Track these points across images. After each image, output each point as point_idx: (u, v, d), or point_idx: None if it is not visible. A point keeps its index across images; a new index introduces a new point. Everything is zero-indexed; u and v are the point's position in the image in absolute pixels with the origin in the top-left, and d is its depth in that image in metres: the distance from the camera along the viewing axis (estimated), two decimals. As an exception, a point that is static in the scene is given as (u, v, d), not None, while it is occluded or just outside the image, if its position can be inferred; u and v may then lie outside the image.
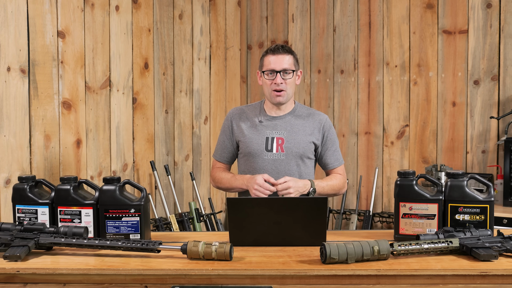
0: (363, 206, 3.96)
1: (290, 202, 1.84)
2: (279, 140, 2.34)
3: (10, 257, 1.60)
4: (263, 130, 2.37)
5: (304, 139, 2.35)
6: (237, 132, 2.42)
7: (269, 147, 2.34)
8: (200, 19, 3.83)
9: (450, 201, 1.80)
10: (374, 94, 3.90)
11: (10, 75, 2.45)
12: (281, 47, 2.34)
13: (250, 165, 2.37)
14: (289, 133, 2.35)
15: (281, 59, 2.31)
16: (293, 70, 2.33)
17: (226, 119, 2.48)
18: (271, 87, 2.32)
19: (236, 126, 2.42)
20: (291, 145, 2.33)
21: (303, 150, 2.34)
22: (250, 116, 2.42)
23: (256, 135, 2.37)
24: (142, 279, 1.54)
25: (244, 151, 2.39)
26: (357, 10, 3.93)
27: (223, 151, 2.47)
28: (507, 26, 3.45)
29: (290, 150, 2.33)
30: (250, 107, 2.48)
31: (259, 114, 2.42)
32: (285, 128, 2.36)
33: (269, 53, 2.34)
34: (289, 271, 1.52)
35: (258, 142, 2.35)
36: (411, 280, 1.51)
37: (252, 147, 2.35)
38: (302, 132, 2.36)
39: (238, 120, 2.43)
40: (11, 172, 2.46)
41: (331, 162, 2.41)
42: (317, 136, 2.38)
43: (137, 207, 1.81)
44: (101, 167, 3.01)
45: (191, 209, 3.67)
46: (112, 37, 3.06)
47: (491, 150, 3.53)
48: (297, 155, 2.34)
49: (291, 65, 2.33)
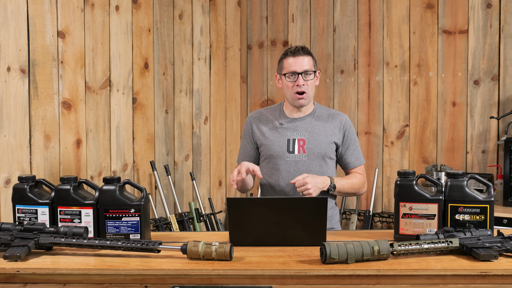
0: (363, 206, 3.96)
1: (290, 202, 1.84)
2: (301, 142, 2.34)
3: (10, 257, 1.60)
4: (284, 132, 2.37)
5: (325, 139, 2.35)
6: (257, 135, 2.42)
7: (291, 149, 2.34)
8: (200, 19, 3.83)
9: (450, 201, 1.80)
10: (374, 94, 3.90)
11: (10, 75, 2.45)
12: (301, 48, 2.34)
13: (272, 167, 2.37)
14: (310, 134, 2.35)
15: (302, 60, 2.31)
16: (313, 71, 2.33)
17: (246, 123, 2.49)
18: (293, 90, 2.31)
19: (257, 129, 2.43)
20: (312, 146, 2.34)
21: (325, 150, 2.35)
22: (270, 119, 2.43)
23: (277, 137, 2.37)
24: (142, 279, 1.54)
25: (266, 154, 2.39)
26: (357, 10, 3.93)
27: (244, 155, 2.47)
28: (507, 26, 3.45)
29: (312, 151, 2.33)
30: (269, 109, 2.49)
31: (279, 116, 2.42)
32: (306, 130, 2.36)
33: (289, 55, 2.33)
34: (289, 271, 1.52)
35: (279, 144, 2.36)
36: (411, 280, 1.51)
37: (274, 149, 2.36)
38: (323, 132, 2.36)
39: (258, 123, 2.44)
40: (11, 172, 2.46)
41: (352, 161, 2.41)
42: (338, 136, 2.38)
43: (137, 207, 1.81)
44: (101, 167, 3.01)
45: (191, 209, 3.67)
46: (112, 37, 3.06)
47: (491, 150, 3.53)
48: (319, 155, 2.34)
49: (312, 66, 2.33)
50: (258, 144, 2.43)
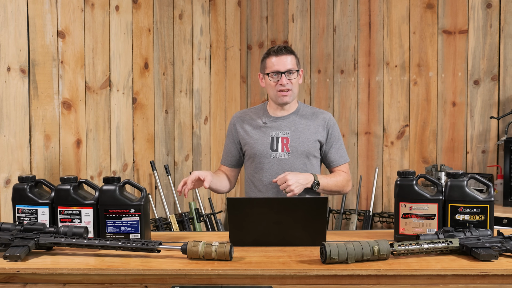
0: (363, 206, 3.96)
1: (290, 202, 1.84)
2: (284, 140, 2.35)
3: (10, 257, 1.60)
4: (268, 131, 2.38)
5: (309, 137, 2.36)
6: (242, 134, 2.43)
7: (275, 147, 2.35)
8: (200, 19, 3.83)
9: (450, 201, 1.80)
10: (374, 94, 3.90)
11: (10, 75, 2.45)
12: (284, 48, 2.34)
13: (256, 166, 2.38)
14: (294, 132, 2.36)
15: (284, 59, 2.32)
16: (296, 70, 2.34)
17: (230, 123, 2.50)
18: (276, 88, 2.32)
19: (241, 128, 2.44)
20: (296, 144, 2.34)
21: (309, 148, 2.35)
22: (254, 118, 2.43)
23: (261, 136, 2.38)
24: (142, 279, 1.54)
25: (250, 153, 2.39)
26: (357, 10, 3.93)
27: (227, 155, 2.49)
28: (507, 26, 3.45)
29: (296, 149, 2.34)
30: (253, 109, 2.49)
31: (263, 115, 2.43)
32: (289, 128, 2.37)
33: (272, 54, 2.34)
34: (289, 271, 1.52)
35: (263, 143, 2.36)
36: (411, 280, 1.51)
37: (258, 148, 2.36)
38: (307, 131, 2.37)
39: (241, 123, 2.45)
40: (11, 172, 2.46)
41: (336, 159, 2.41)
42: (321, 134, 2.38)
43: (137, 207, 1.81)
44: (101, 167, 3.01)
45: (191, 209, 3.67)
46: (112, 37, 3.06)
47: (491, 150, 3.53)
48: (303, 153, 2.34)
49: (295, 65, 2.34)
50: (242, 144, 2.43)
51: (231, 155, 2.48)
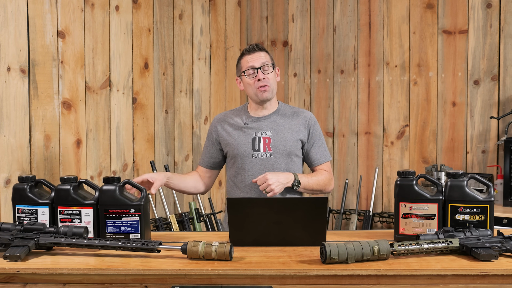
0: (363, 206, 3.96)
1: (290, 202, 1.83)
2: (266, 140, 2.35)
3: (10, 257, 1.60)
4: (249, 131, 2.38)
5: (290, 137, 2.36)
6: (223, 136, 2.42)
7: (256, 147, 2.35)
8: (200, 19, 3.83)
9: (450, 201, 1.80)
10: (374, 94, 3.90)
11: (10, 75, 2.45)
12: (255, 45, 2.37)
13: (238, 167, 2.37)
14: (275, 132, 2.36)
15: (258, 55, 2.34)
16: (271, 63, 2.35)
17: (211, 125, 2.49)
18: (255, 86, 2.33)
19: (222, 130, 2.43)
20: (278, 143, 2.34)
21: (290, 147, 2.35)
22: (235, 120, 2.43)
23: (242, 136, 2.38)
24: (142, 279, 1.53)
25: (232, 154, 2.39)
26: (357, 10, 3.93)
27: (205, 156, 2.49)
28: (507, 26, 3.45)
29: (278, 149, 2.34)
30: (234, 111, 2.49)
31: (244, 116, 2.42)
32: (271, 128, 2.37)
33: (245, 53, 2.37)
34: (289, 271, 1.52)
35: (245, 143, 2.36)
36: (411, 280, 1.51)
37: (239, 149, 2.36)
38: (288, 130, 2.37)
39: (223, 124, 2.44)
40: (11, 172, 2.46)
41: (317, 158, 2.41)
42: (303, 133, 2.38)
43: (137, 207, 1.81)
44: (101, 167, 3.01)
45: (191, 209, 3.67)
46: (112, 37, 3.06)
47: (491, 150, 3.53)
48: (285, 153, 2.34)
49: (269, 59, 2.36)
50: (223, 145, 2.43)
51: (209, 156, 2.47)
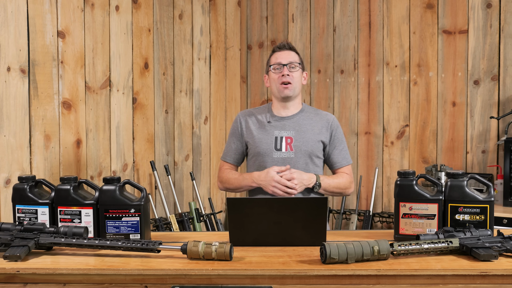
0: (363, 206, 3.96)
1: (290, 202, 1.83)
2: (288, 139, 2.37)
3: (10, 257, 1.60)
4: (272, 130, 2.40)
5: (312, 137, 2.38)
6: (246, 133, 2.45)
7: (278, 146, 2.36)
8: (200, 19, 3.83)
9: (450, 201, 1.80)
10: (374, 94, 3.90)
11: (10, 75, 2.45)
12: (287, 43, 2.43)
13: (259, 165, 2.39)
14: (298, 132, 2.38)
15: (287, 54, 2.39)
16: (299, 63, 2.38)
17: (234, 122, 2.51)
18: (278, 81, 2.36)
19: (245, 127, 2.46)
20: (300, 143, 2.36)
21: (312, 148, 2.36)
22: (259, 117, 2.46)
23: (265, 135, 2.40)
24: (142, 279, 1.53)
25: (253, 152, 2.41)
26: (357, 10, 3.93)
27: (232, 153, 2.50)
28: (507, 26, 3.45)
29: (299, 149, 2.35)
30: (258, 109, 2.52)
31: (267, 115, 2.45)
32: (293, 128, 2.39)
33: (276, 50, 2.43)
34: (289, 271, 1.51)
35: (267, 141, 2.38)
36: (411, 280, 1.51)
37: (261, 147, 2.38)
38: (310, 131, 2.39)
39: (246, 121, 2.47)
40: (11, 172, 2.46)
41: (339, 161, 2.43)
42: (325, 135, 2.40)
43: (137, 207, 1.81)
44: (101, 167, 3.01)
45: (191, 209, 3.67)
46: (112, 37, 3.06)
47: (491, 150, 3.53)
48: (306, 153, 2.36)
49: (297, 59, 2.40)
50: (246, 142, 2.45)
51: (237, 152, 2.49)
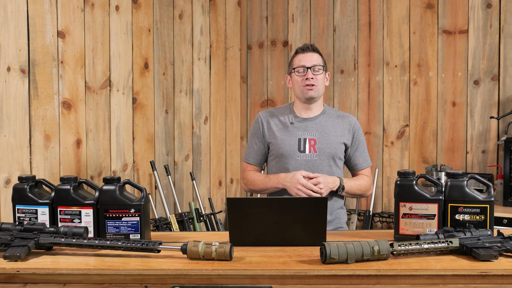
0: (363, 206, 3.96)
1: (290, 202, 1.83)
2: (312, 141, 2.36)
3: (10, 257, 1.60)
4: (295, 131, 2.39)
5: (335, 140, 2.38)
6: (268, 134, 2.43)
7: (302, 148, 2.36)
8: (200, 19, 3.83)
9: (450, 201, 1.80)
10: (374, 94, 3.90)
11: (10, 75, 2.45)
12: (310, 45, 2.39)
13: (282, 166, 2.37)
14: (321, 134, 2.37)
15: (310, 56, 2.36)
16: (322, 66, 2.37)
17: (256, 122, 2.49)
18: (301, 83, 2.34)
19: (267, 128, 2.44)
20: (323, 145, 2.35)
21: (335, 150, 2.37)
22: (281, 118, 2.44)
23: (288, 136, 2.38)
24: (142, 279, 1.53)
25: (276, 153, 2.39)
26: (357, 10, 3.93)
27: (255, 154, 2.48)
28: (507, 26, 3.45)
29: (323, 151, 2.35)
30: (279, 109, 2.50)
31: (290, 115, 2.43)
32: (316, 130, 2.38)
33: (299, 52, 2.40)
34: (289, 271, 1.52)
35: (290, 143, 2.37)
36: (411, 280, 1.51)
37: (285, 149, 2.36)
38: (333, 133, 2.39)
39: (268, 122, 2.44)
40: (11, 172, 2.46)
41: (360, 163, 2.44)
42: (347, 137, 2.40)
43: (137, 207, 1.81)
44: (101, 167, 3.01)
45: (191, 209, 3.67)
46: (112, 37, 3.06)
47: (491, 150, 3.53)
48: (330, 155, 2.36)
49: (320, 62, 2.38)
50: (268, 143, 2.44)
51: (260, 153, 2.47)
